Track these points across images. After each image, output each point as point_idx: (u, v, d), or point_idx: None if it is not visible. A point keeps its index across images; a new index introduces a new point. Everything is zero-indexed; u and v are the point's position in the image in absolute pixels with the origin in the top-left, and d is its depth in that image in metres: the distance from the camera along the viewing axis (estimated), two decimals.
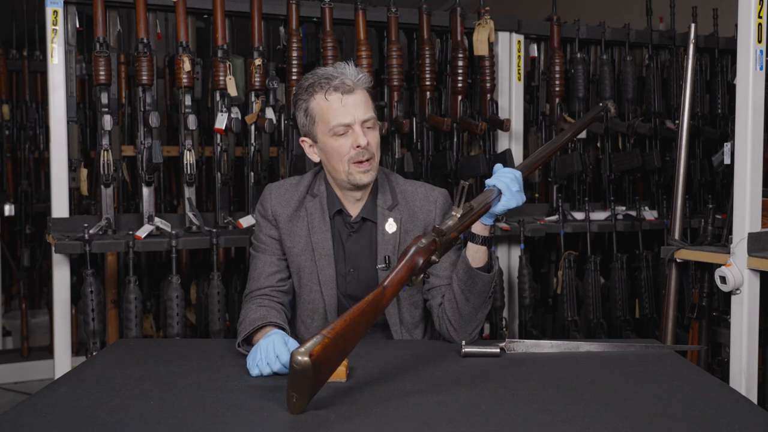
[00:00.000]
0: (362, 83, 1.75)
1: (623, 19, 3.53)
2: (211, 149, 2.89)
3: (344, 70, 1.74)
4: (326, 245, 1.82)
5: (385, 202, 1.83)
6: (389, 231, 1.82)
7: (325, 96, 1.73)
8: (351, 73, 1.74)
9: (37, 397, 1.37)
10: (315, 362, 1.21)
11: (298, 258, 1.83)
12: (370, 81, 1.78)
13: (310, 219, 1.82)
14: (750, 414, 1.28)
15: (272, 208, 1.84)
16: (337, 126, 1.72)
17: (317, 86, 1.74)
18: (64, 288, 2.57)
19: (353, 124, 1.72)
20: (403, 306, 1.84)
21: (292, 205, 1.84)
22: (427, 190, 1.88)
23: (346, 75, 1.73)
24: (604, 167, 3.31)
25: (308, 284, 1.84)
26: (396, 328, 1.84)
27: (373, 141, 1.75)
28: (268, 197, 1.86)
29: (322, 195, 1.84)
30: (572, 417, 1.25)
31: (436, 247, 1.42)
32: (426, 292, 1.83)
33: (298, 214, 1.84)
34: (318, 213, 1.83)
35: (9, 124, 4.30)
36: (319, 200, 1.84)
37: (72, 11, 2.57)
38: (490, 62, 2.90)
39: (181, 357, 1.64)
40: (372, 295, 1.35)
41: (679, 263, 2.67)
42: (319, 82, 1.73)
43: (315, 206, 1.83)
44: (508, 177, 1.57)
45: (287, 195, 1.85)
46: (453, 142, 2.91)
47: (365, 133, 1.73)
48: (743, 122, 2.28)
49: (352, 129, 1.73)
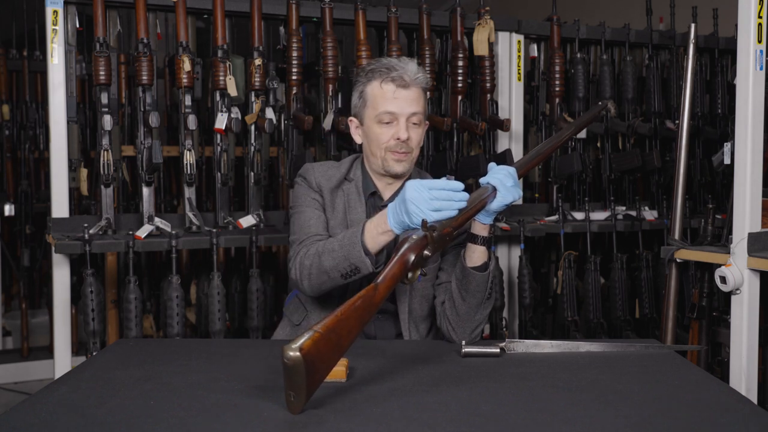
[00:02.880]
0: (420, 82, 1.80)
1: (623, 19, 3.53)
2: (211, 149, 2.89)
3: (406, 65, 1.79)
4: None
5: None
6: None
7: (381, 84, 1.79)
8: (412, 70, 1.79)
9: (37, 397, 1.37)
10: (306, 357, 1.21)
11: (332, 231, 1.84)
12: (428, 82, 1.85)
13: (348, 198, 1.87)
14: (750, 414, 1.28)
15: (316, 179, 1.87)
16: (383, 113, 1.78)
17: (377, 73, 1.79)
18: (64, 288, 2.57)
19: (399, 116, 1.78)
20: (415, 297, 1.85)
21: (333, 182, 1.88)
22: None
23: (407, 70, 1.78)
24: (604, 167, 3.31)
25: None
26: (404, 317, 1.85)
27: (414, 137, 1.81)
28: (311, 171, 1.88)
29: (358, 179, 1.89)
30: (572, 417, 1.25)
31: (427, 242, 1.43)
32: (436, 287, 1.84)
33: (338, 191, 1.87)
34: (354, 194, 1.87)
35: (9, 124, 4.30)
36: (354, 184, 1.88)
37: (72, 11, 2.57)
38: (490, 62, 2.90)
39: (181, 357, 1.64)
40: (364, 291, 1.35)
41: (679, 263, 2.67)
42: (380, 70, 1.79)
43: (351, 189, 1.88)
44: (502, 173, 1.58)
45: (330, 172, 1.89)
46: (453, 142, 2.91)
47: (408, 128, 1.79)
48: (743, 122, 2.28)
49: (397, 120, 1.78)
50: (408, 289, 1.84)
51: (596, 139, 3.36)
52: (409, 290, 1.84)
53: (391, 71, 1.78)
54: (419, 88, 1.80)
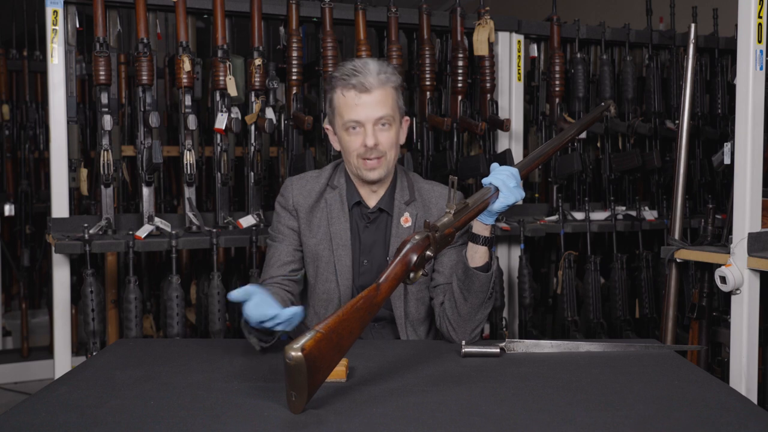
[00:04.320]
0: (384, 82, 1.77)
1: (623, 19, 3.53)
2: (211, 149, 2.89)
3: (367, 67, 1.76)
4: (344, 236, 1.85)
5: (402, 197, 1.87)
6: (404, 225, 1.85)
7: (343, 92, 1.77)
8: (373, 71, 1.76)
9: (37, 397, 1.37)
10: (308, 357, 1.21)
11: (316, 248, 1.86)
12: (396, 80, 1.80)
13: (330, 210, 1.86)
14: (750, 414, 1.28)
15: (294, 198, 1.88)
16: (348, 122, 1.77)
17: (338, 81, 1.78)
18: (64, 288, 2.57)
19: (365, 123, 1.76)
20: (410, 300, 1.86)
21: (312, 197, 1.88)
22: (443, 189, 1.92)
23: (368, 73, 1.75)
24: (604, 167, 3.30)
25: (324, 273, 1.86)
26: (401, 321, 1.85)
27: (384, 140, 1.78)
28: (290, 188, 1.90)
29: (342, 187, 1.88)
30: (572, 417, 1.25)
31: (429, 243, 1.44)
32: (432, 289, 1.84)
33: (318, 205, 1.87)
34: (337, 204, 1.86)
35: (9, 124, 4.30)
36: (338, 192, 1.87)
37: (72, 11, 2.57)
38: (490, 62, 2.90)
39: (181, 357, 1.64)
40: (367, 291, 1.36)
41: (679, 263, 2.67)
42: (341, 77, 1.77)
43: (334, 198, 1.87)
44: (505, 174, 1.57)
45: (308, 187, 1.89)
46: (453, 142, 2.91)
47: (376, 132, 1.76)
48: (743, 122, 2.27)
49: (363, 127, 1.76)
50: (402, 293, 1.84)
51: (596, 139, 3.36)
52: (403, 295, 1.85)
53: (351, 77, 1.75)
54: (385, 88, 1.77)
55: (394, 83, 1.79)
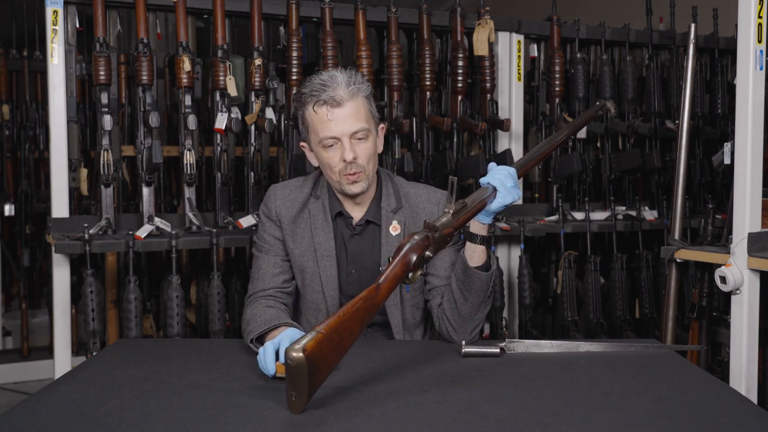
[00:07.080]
0: (355, 93, 1.72)
1: (623, 19, 3.53)
2: (211, 149, 2.89)
3: (337, 80, 1.71)
4: (328, 246, 1.83)
5: (389, 205, 1.85)
6: (393, 233, 1.83)
7: (314, 108, 1.73)
8: (343, 83, 1.71)
9: (37, 397, 1.37)
10: (309, 357, 1.22)
11: (300, 259, 1.84)
12: (366, 89, 1.75)
13: (313, 220, 1.84)
14: (750, 414, 1.28)
15: (276, 208, 1.86)
16: (324, 138, 1.73)
17: (309, 97, 1.73)
18: (64, 288, 2.57)
19: (341, 137, 1.72)
20: (406, 307, 1.85)
21: (296, 207, 1.85)
22: (429, 192, 1.89)
23: (338, 86, 1.71)
24: (604, 167, 3.31)
25: (311, 284, 1.85)
26: (398, 329, 1.85)
27: (362, 153, 1.74)
28: (273, 198, 1.87)
29: (324, 197, 1.86)
30: (572, 417, 1.25)
31: (429, 243, 1.44)
32: (427, 292, 1.84)
33: (301, 215, 1.85)
34: (320, 214, 1.84)
35: (9, 124, 4.30)
36: (321, 202, 1.85)
37: (72, 11, 2.57)
38: (490, 62, 2.90)
39: (181, 357, 1.64)
40: (366, 291, 1.36)
41: (679, 263, 2.67)
42: (311, 93, 1.72)
43: (318, 208, 1.85)
44: (502, 173, 1.57)
45: (291, 196, 1.87)
46: (453, 142, 2.91)
47: (354, 145, 1.73)
48: (743, 122, 2.27)
49: (340, 142, 1.73)
50: (398, 301, 1.83)
51: (596, 139, 3.36)
52: (400, 302, 1.84)
53: (320, 93, 1.70)
54: (356, 99, 1.72)
55: (364, 92, 1.74)
